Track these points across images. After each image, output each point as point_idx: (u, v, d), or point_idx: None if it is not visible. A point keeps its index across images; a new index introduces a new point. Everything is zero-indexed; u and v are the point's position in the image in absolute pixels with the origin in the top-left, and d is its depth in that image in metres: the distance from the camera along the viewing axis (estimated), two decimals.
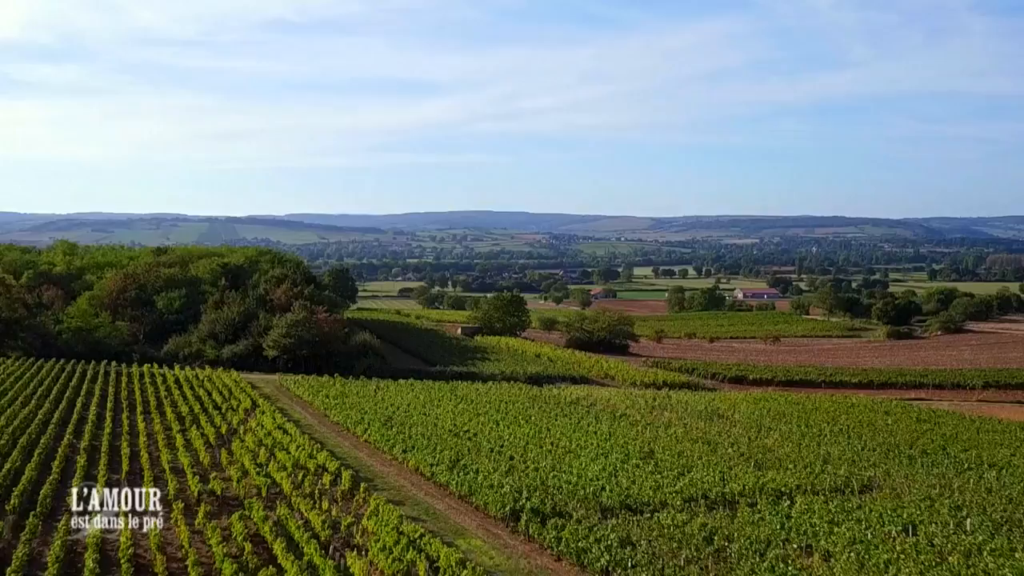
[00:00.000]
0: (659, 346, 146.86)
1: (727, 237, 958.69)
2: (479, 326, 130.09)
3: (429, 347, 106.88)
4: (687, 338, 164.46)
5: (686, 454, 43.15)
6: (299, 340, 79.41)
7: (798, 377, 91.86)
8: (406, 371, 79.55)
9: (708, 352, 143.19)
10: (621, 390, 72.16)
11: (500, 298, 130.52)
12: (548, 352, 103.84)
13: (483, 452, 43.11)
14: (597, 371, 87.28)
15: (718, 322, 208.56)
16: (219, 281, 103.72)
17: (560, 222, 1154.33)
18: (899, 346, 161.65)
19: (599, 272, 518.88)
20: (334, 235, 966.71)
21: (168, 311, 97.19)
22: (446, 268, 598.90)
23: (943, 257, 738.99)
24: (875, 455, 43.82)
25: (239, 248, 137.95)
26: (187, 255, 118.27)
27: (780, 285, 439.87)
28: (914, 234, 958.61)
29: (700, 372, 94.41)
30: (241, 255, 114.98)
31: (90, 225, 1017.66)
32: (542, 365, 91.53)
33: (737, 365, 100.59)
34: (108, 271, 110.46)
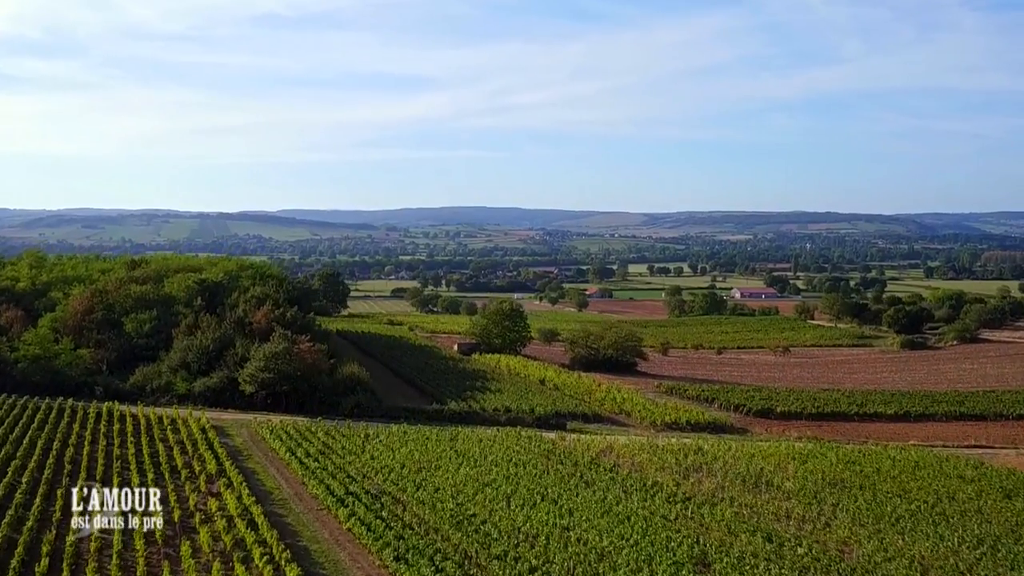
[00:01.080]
0: (666, 360, 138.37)
1: (721, 233, 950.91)
2: (476, 342, 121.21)
3: (424, 370, 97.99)
4: (694, 350, 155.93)
5: (746, 559, 34.40)
6: (279, 374, 70.36)
7: (829, 409, 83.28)
8: (399, 410, 70.51)
9: (719, 367, 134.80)
10: (643, 437, 63.33)
11: (499, 311, 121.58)
12: (553, 377, 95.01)
13: (494, 553, 34.34)
14: (610, 404, 78.40)
15: (722, 328, 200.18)
16: (194, 300, 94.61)
17: (553, 218, 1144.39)
18: (915, 358, 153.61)
19: (594, 270, 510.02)
20: (326, 231, 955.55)
21: (137, 335, 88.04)
22: (439, 266, 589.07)
23: (937, 254, 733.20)
24: (985, 560, 35.08)
25: (220, 259, 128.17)
26: (163, 268, 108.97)
27: (778, 284, 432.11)
28: (907, 230, 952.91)
29: (721, 401, 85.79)
30: (220, 269, 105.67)
31: (80, 221, 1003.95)
32: (548, 396, 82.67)
33: (759, 391, 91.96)
34: (76, 287, 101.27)
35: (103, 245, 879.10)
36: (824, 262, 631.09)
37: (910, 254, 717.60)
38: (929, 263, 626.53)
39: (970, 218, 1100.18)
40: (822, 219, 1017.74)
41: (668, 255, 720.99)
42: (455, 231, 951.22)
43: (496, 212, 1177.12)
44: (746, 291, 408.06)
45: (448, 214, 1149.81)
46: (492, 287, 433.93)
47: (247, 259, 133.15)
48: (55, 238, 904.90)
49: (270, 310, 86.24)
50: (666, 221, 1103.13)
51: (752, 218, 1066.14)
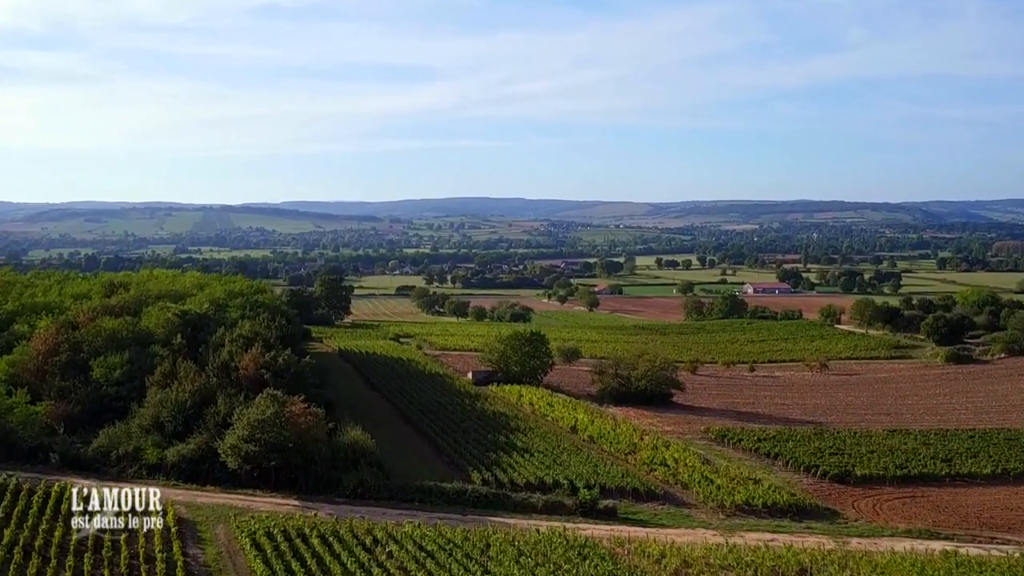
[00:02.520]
0: (698, 381, 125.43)
1: (726, 223, 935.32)
2: (492, 370, 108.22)
3: (437, 413, 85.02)
4: (725, 367, 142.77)
5: None
6: (266, 446, 57.49)
7: (915, 468, 70.24)
8: (411, 490, 57.41)
9: (758, 391, 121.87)
10: (718, 537, 50.25)
11: (518, 336, 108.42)
12: (585, 420, 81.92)
13: None
14: (662, 471, 65.01)
15: (746, 336, 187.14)
16: (174, 338, 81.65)
17: (557, 208, 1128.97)
18: (964, 374, 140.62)
19: (601, 264, 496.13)
20: (330, 223, 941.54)
21: (107, 382, 75.07)
22: (444, 260, 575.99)
23: (946, 243, 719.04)
24: None
25: (211, 279, 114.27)
26: (143, 294, 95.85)
27: (790, 279, 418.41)
28: (913, 218, 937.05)
29: (786, 457, 72.74)
30: (206, 297, 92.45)
31: (83, 215, 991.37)
32: (585, 456, 69.55)
33: (821, 437, 79.07)
34: (43, 319, 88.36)
35: (105, 239, 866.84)
36: (833, 253, 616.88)
37: (919, 244, 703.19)
38: (940, 253, 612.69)
39: (976, 206, 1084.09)
40: (828, 208, 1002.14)
41: (674, 246, 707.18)
42: (459, 222, 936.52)
43: (500, 203, 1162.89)
44: (759, 286, 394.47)
45: (452, 205, 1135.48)
46: (498, 283, 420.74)
47: (236, 281, 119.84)
48: (58, 232, 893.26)
49: (259, 354, 73.22)
50: (671, 211, 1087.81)
51: (757, 207, 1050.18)
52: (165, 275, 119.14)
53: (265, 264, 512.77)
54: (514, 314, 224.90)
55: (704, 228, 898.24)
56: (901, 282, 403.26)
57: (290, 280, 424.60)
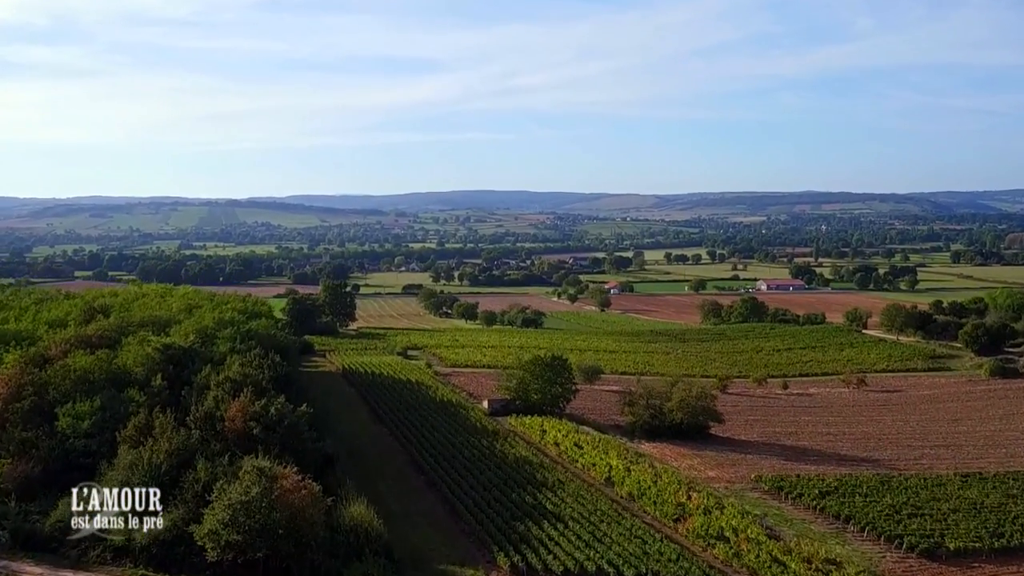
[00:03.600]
0: (730, 401, 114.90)
1: (733, 215, 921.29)
2: (511, 398, 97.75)
3: (452, 461, 74.60)
4: (757, 384, 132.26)
5: None
6: (251, 532, 47.17)
7: (1014, 539, 59.62)
8: None
9: (797, 415, 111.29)
10: None
11: (538, 360, 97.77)
12: (620, 470, 71.29)
13: None
14: (721, 550, 54.37)
15: (771, 343, 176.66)
16: (154, 378, 71.33)
17: (563, 201, 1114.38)
18: (1014, 391, 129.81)
19: (610, 260, 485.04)
20: (335, 217, 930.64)
21: (74, 434, 64.77)
22: (450, 255, 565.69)
23: (956, 235, 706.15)
24: None
25: (202, 299, 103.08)
26: (124, 322, 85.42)
27: (804, 275, 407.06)
28: (922, 209, 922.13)
29: (859, 520, 62.09)
30: (194, 325, 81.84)
31: (88, 210, 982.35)
32: (625, 523, 58.97)
33: (905, 503, 67.98)
34: (11, 353, 78.00)
35: (111, 235, 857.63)
36: (844, 245, 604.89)
37: (930, 236, 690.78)
38: (952, 245, 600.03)
39: (984, 196, 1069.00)
40: (835, 199, 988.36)
41: (682, 240, 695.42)
42: (464, 216, 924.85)
43: (505, 195, 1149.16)
44: (772, 283, 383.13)
45: (457, 198, 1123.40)
46: (506, 281, 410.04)
47: (229, 302, 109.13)
48: (63, 228, 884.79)
49: (248, 403, 62.77)
50: (677, 203, 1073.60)
51: (764, 199, 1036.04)
52: (152, 293, 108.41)
53: (270, 261, 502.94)
54: (525, 319, 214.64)
55: (711, 220, 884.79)
56: (917, 277, 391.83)
57: (294, 278, 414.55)
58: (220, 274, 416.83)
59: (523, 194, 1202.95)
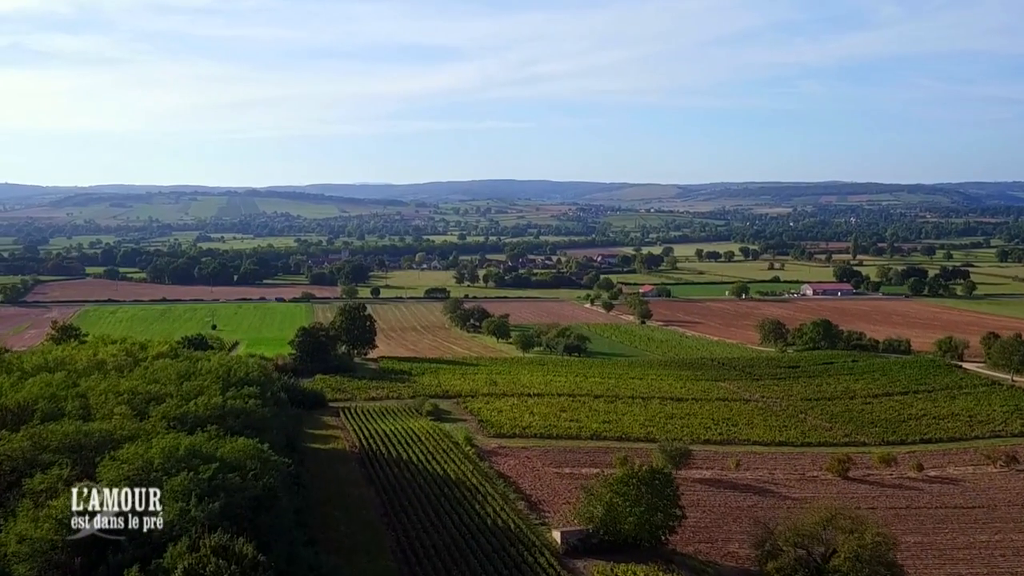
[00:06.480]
0: (859, 496, 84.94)
1: (758, 206, 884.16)
2: (592, 529, 68.18)
3: None
4: (884, 465, 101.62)
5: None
6: None
7: None
8: None
9: (960, 523, 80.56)
10: None
11: (632, 477, 68.06)
12: None
13: None
14: None
15: (860, 383, 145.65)
16: None
17: (584, 191, 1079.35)
18: None
19: (640, 259, 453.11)
20: (355, 208, 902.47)
21: None
22: (472, 250, 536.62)
23: (993, 229, 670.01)
24: None
25: (170, 378, 73.10)
26: (35, 445, 55.93)
27: (849, 276, 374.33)
28: (952, 201, 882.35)
29: None
30: (135, 459, 51.95)
31: (109, 199, 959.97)
32: None
33: None
34: None
35: (129, 225, 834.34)
36: (879, 241, 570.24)
37: (966, 230, 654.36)
38: (992, 240, 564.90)
39: (1014, 187, 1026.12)
40: (862, 190, 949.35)
41: (710, 233, 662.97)
42: (485, 207, 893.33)
43: (526, 185, 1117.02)
44: (818, 287, 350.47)
45: (478, 187, 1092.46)
46: (533, 283, 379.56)
47: (210, 363, 79.69)
48: (83, 218, 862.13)
49: None
50: (700, 193, 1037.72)
51: (789, 189, 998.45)
52: (111, 361, 78.63)
53: (287, 257, 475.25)
54: (567, 345, 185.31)
55: (736, 212, 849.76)
56: (970, 278, 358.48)
57: (312, 278, 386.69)
58: (234, 272, 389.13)
59: (544, 183, 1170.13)
